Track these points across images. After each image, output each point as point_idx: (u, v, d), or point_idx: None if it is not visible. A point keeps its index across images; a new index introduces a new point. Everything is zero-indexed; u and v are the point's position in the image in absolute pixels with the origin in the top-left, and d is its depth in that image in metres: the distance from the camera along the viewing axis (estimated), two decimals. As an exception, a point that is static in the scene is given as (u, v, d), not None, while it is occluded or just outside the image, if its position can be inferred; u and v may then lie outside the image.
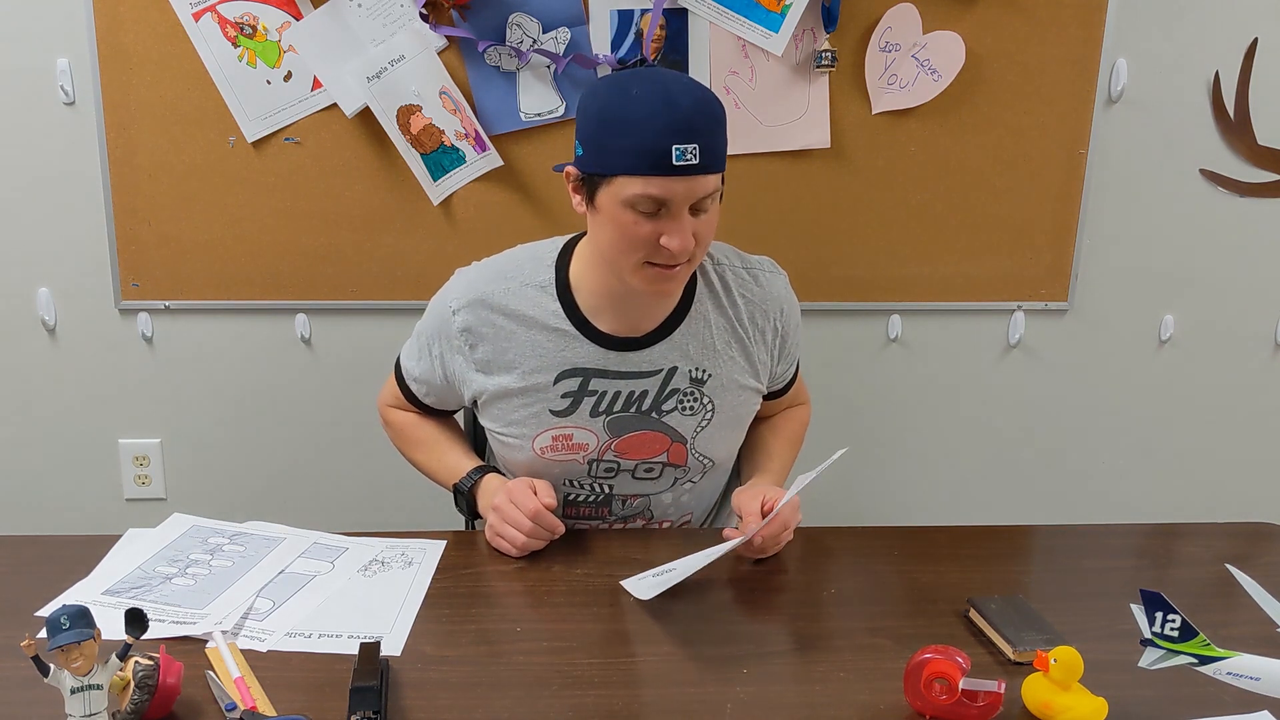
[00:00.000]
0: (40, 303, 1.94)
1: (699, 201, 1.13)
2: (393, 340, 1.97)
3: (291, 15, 1.79)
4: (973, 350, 2.08)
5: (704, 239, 1.16)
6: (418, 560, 1.19)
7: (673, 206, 1.11)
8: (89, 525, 2.02)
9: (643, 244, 1.13)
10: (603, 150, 1.12)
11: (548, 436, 1.28)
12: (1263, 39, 1.91)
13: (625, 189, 1.11)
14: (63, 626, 0.78)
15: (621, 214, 1.13)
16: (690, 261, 1.17)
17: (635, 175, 1.10)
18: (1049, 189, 1.96)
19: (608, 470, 1.31)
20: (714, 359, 1.28)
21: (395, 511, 2.05)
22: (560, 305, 1.25)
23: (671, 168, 1.08)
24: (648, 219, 1.12)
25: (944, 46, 1.85)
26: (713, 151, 1.11)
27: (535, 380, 1.26)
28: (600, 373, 1.26)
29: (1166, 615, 0.85)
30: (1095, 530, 1.33)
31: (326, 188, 1.88)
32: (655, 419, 1.28)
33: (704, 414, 1.29)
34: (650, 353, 1.26)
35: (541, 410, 1.27)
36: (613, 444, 1.28)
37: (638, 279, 1.17)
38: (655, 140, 1.08)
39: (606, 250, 1.18)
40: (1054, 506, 2.18)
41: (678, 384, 1.27)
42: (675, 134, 1.08)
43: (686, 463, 1.32)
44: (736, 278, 1.31)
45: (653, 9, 1.78)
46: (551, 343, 1.25)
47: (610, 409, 1.27)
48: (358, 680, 0.88)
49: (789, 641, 1.03)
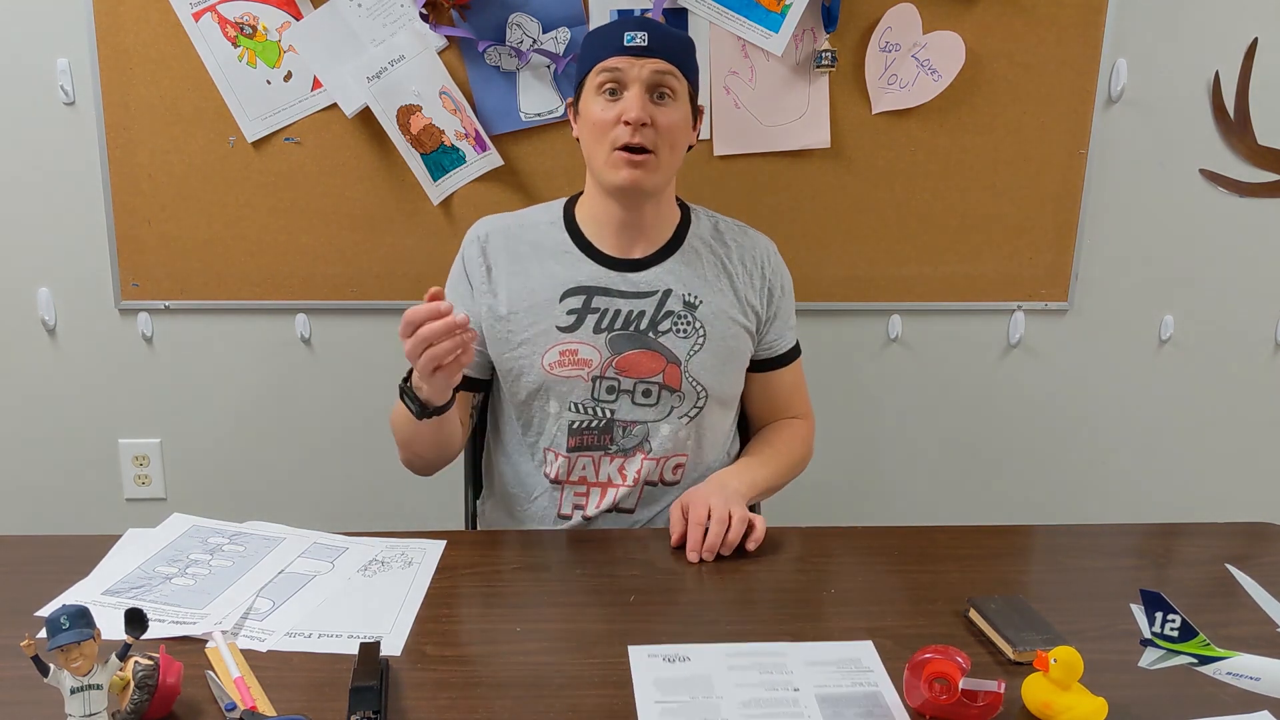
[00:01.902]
0: (40, 303, 1.94)
1: (655, 87, 1.31)
2: (393, 340, 1.97)
3: (291, 15, 1.79)
4: (973, 350, 2.08)
5: (665, 129, 1.31)
6: (417, 560, 1.19)
7: (627, 81, 1.30)
8: (89, 525, 2.02)
9: (608, 126, 1.30)
10: (581, 62, 1.36)
11: (555, 352, 1.37)
12: (1263, 39, 1.91)
13: (593, 80, 1.33)
14: (63, 626, 0.78)
15: (592, 105, 1.32)
16: (657, 155, 1.31)
17: (597, 63, 1.32)
18: (1049, 189, 1.96)
19: (609, 390, 1.38)
20: (705, 287, 1.40)
21: (395, 511, 2.05)
22: (567, 234, 1.41)
23: (623, 48, 1.30)
24: (611, 103, 1.31)
25: (944, 46, 1.86)
26: (663, 44, 1.31)
27: (544, 296, 1.38)
28: (602, 290, 1.38)
29: (1166, 615, 0.85)
30: (1095, 530, 1.33)
31: (326, 188, 1.88)
32: (652, 339, 1.38)
33: (696, 338, 1.39)
34: (647, 274, 1.39)
35: (549, 326, 1.37)
36: (614, 361, 1.37)
37: (610, 169, 1.32)
38: (611, 31, 1.32)
39: (589, 153, 1.35)
40: (1054, 506, 2.18)
41: (672, 306, 1.38)
42: (629, 25, 1.31)
43: (681, 387, 1.38)
44: (728, 226, 1.47)
45: (653, 9, 1.78)
46: (558, 264, 1.39)
47: (612, 326, 1.37)
48: (358, 680, 0.88)
49: (789, 641, 1.03)
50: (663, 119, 1.31)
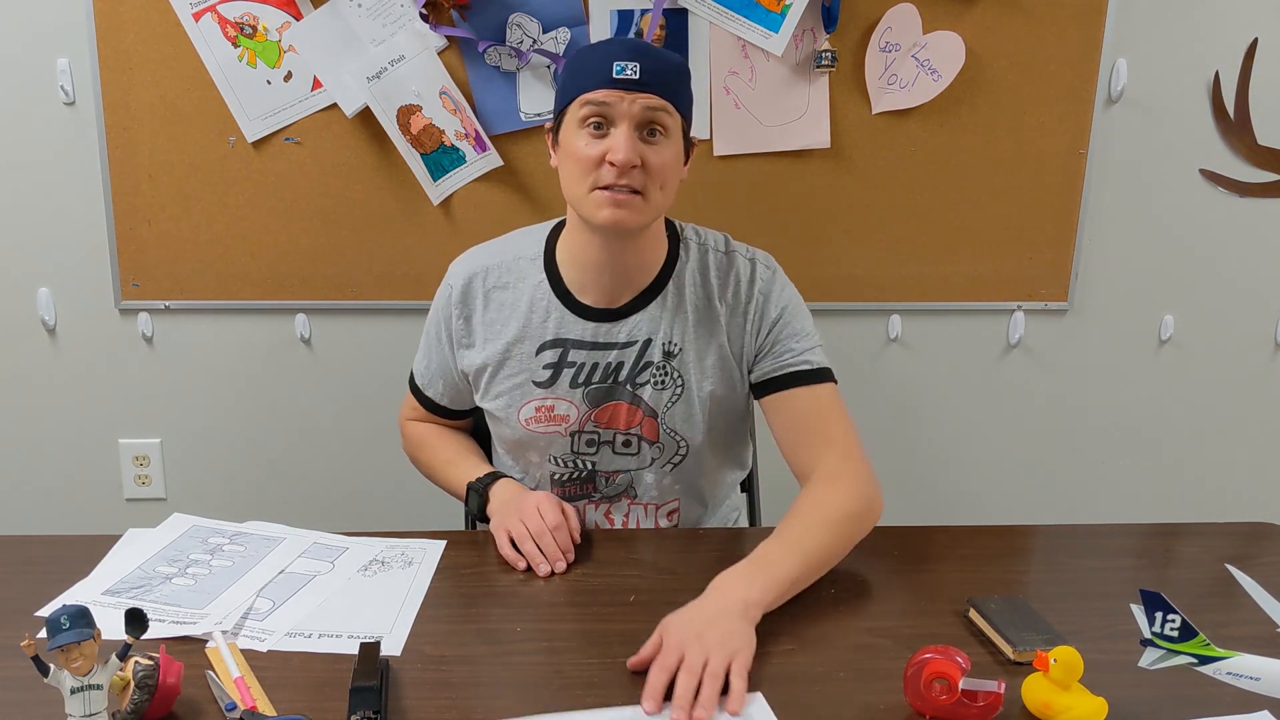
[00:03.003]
0: (40, 303, 1.94)
1: (646, 125, 1.19)
2: (393, 340, 1.99)
3: (291, 15, 1.79)
4: (973, 350, 2.08)
5: (655, 171, 1.19)
6: (418, 560, 1.19)
7: (614, 117, 1.18)
8: (89, 525, 2.01)
9: (592, 165, 1.19)
10: (564, 88, 1.23)
11: (531, 408, 1.32)
12: (1263, 39, 1.91)
13: (576, 112, 1.20)
14: (63, 626, 0.78)
15: (575, 140, 1.20)
16: (645, 197, 1.20)
17: (582, 94, 1.19)
18: (1049, 189, 1.96)
19: (589, 444, 1.34)
20: (686, 333, 1.31)
21: (395, 511, 2.05)
22: (545, 276, 1.32)
23: (612, 80, 1.17)
24: (596, 139, 1.19)
25: (944, 46, 1.85)
26: (656, 76, 1.18)
27: (520, 349, 1.31)
28: (578, 344, 1.30)
29: (1166, 615, 0.85)
30: (1095, 530, 1.33)
31: (326, 188, 1.88)
32: (629, 390, 1.32)
33: (674, 389, 1.32)
34: (627, 324, 1.30)
35: (525, 381, 1.32)
36: (592, 415, 1.32)
37: (593, 207, 1.20)
38: (600, 60, 1.18)
39: (568, 186, 1.23)
40: (1054, 506, 2.18)
41: (651, 356, 1.31)
42: (618, 53, 1.18)
43: (659, 439, 1.34)
44: (716, 258, 1.34)
45: (653, 9, 1.78)
46: (535, 314, 1.31)
47: (589, 380, 1.31)
48: (358, 680, 0.88)
49: (789, 642, 1.03)
50: (654, 159, 1.19)
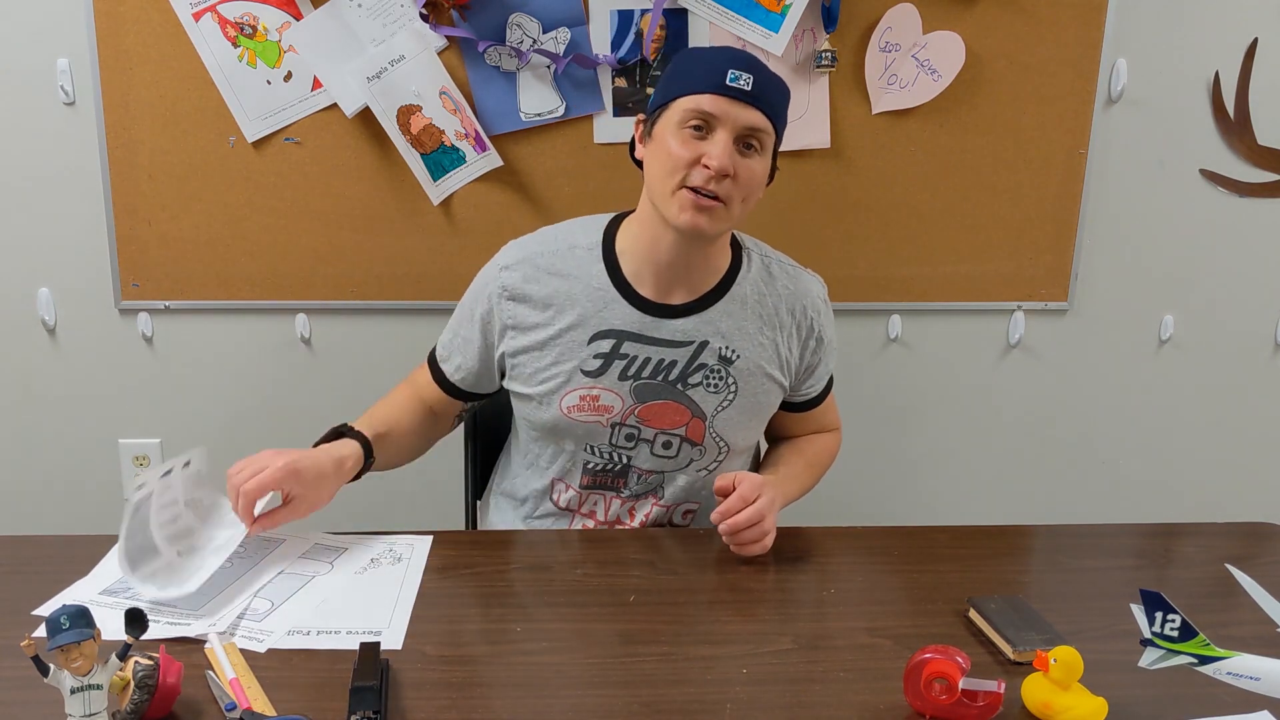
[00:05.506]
0: (40, 303, 1.94)
1: (745, 138, 1.20)
2: (393, 340, 1.99)
3: (291, 15, 1.79)
4: (973, 350, 2.08)
5: (744, 183, 1.21)
6: (406, 556, 1.19)
7: (717, 125, 1.19)
8: (89, 525, 2.01)
9: (685, 164, 1.19)
10: (669, 84, 1.23)
11: (575, 396, 1.30)
12: (1263, 39, 1.91)
13: (680, 108, 1.20)
14: (63, 626, 0.78)
15: (672, 136, 1.21)
16: (728, 206, 1.21)
17: (690, 94, 1.19)
18: (1049, 189, 1.96)
19: (628, 438, 1.33)
20: (744, 341, 1.31)
21: (395, 512, 2.05)
22: (604, 267, 1.30)
23: (725, 87, 1.18)
24: (695, 140, 1.19)
25: (944, 46, 1.85)
26: (766, 93, 1.20)
27: (571, 338, 1.29)
28: (634, 337, 1.29)
29: (1166, 615, 0.85)
30: (1095, 530, 1.33)
31: (326, 188, 1.88)
32: (680, 390, 1.31)
33: (727, 393, 1.32)
34: (685, 323, 1.30)
35: (573, 370, 1.30)
36: (636, 409, 1.31)
37: (675, 206, 1.21)
38: (714, 64, 1.20)
39: (653, 181, 1.24)
40: (1054, 506, 2.18)
41: (706, 359, 1.30)
42: (733, 63, 1.19)
43: (703, 441, 1.33)
44: (780, 270, 1.36)
45: (653, 9, 1.78)
46: (591, 303, 1.29)
47: (639, 374, 1.30)
48: (358, 680, 0.88)
49: (788, 641, 1.03)
50: (745, 173, 1.20)
